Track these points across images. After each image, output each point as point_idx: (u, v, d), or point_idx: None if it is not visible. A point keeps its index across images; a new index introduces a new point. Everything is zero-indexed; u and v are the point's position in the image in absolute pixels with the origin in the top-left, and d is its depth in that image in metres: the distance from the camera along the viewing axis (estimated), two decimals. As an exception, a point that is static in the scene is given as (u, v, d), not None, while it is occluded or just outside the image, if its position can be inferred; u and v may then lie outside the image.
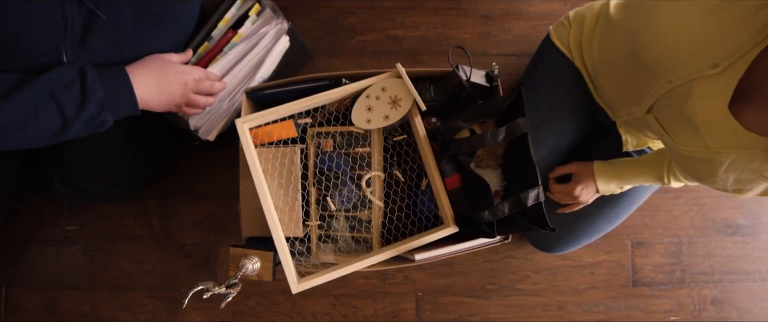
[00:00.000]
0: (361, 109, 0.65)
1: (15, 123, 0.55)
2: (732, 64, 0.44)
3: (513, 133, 0.59)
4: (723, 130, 0.47)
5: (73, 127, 0.58)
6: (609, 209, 0.77)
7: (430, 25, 0.97)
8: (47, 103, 0.56)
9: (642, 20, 0.53)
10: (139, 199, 0.94)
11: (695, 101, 0.48)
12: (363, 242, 0.69)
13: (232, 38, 0.75)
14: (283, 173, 0.66)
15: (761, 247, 1.00)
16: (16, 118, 0.55)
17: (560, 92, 0.73)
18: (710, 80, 0.46)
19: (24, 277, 0.93)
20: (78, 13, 0.57)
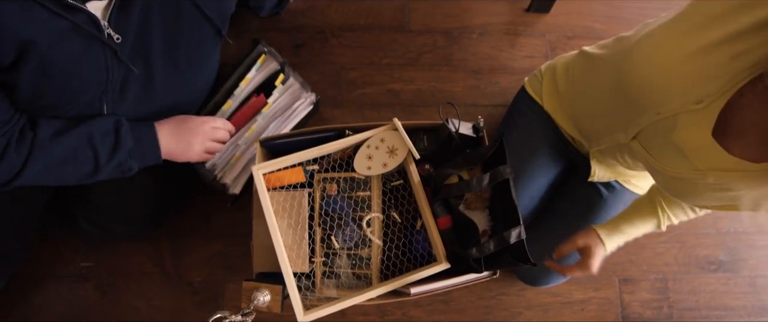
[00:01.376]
0: (362, 158, 0.76)
1: (57, 163, 0.66)
2: (715, 100, 0.51)
3: (496, 178, 0.69)
4: (709, 155, 0.53)
5: (103, 171, 0.70)
6: None
7: (424, 79, 1.10)
8: (86, 149, 0.67)
9: (626, 56, 0.58)
10: (152, 238, 1.02)
11: (681, 131, 0.54)
12: (363, 278, 0.77)
13: (261, 107, 0.88)
14: (292, 214, 0.75)
15: (743, 283, 1.07)
16: (59, 158, 0.66)
17: (533, 134, 0.84)
18: (695, 113, 0.53)
19: (39, 312, 1.00)
20: (118, 69, 0.68)
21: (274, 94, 0.88)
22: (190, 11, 0.71)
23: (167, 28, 0.69)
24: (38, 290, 1.01)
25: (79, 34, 0.61)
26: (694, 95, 0.52)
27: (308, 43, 1.13)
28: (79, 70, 0.64)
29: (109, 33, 0.63)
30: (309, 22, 1.15)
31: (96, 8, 0.61)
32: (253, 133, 0.89)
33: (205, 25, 0.75)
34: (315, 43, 1.13)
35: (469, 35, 1.16)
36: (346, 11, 1.16)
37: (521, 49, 1.17)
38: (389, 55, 1.13)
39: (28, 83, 0.61)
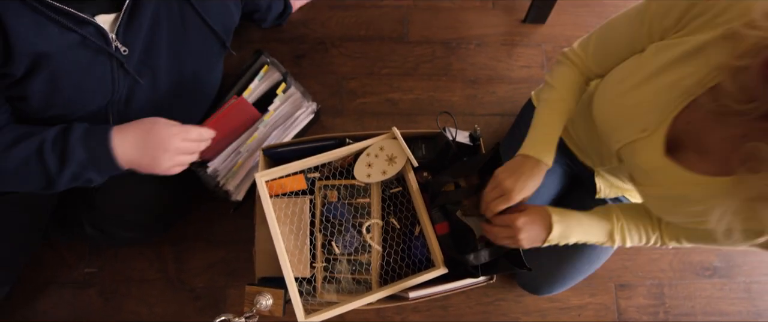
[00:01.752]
0: (362, 166, 0.78)
1: (10, 172, 0.62)
2: (657, 127, 0.57)
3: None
4: (668, 173, 0.58)
5: (58, 183, 0.63)
6: (589, 251, 0.87)
7: (423, 89, 1.13)
8: (35, 160, 0.62)
9: (591, 97, 0.67)
10: (154, 244, 1.04)
11: (639, 155, 0.61)
12: (363, 283, 0.79)
13: (242, 108, 0.89)
14: (294, 220, 0.77)
15: (738, 288, 1.09)
16: (11, 168, 0.61)
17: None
18: (644, 140, 0.59)
19: (42, 317, 1.01)
20: (124, 80, 0.70)
21: (275, 102, 0.91)
22: (195, 24, 0.74)
23: (173, 40, 0.72)
24: (42, 295, 1.02)
25: (87, 47, 0.63)
26: (639, 125, 0.59)
27: (309, 53, 1.16)
28: (87, 81, 0.66)
29: (116, 46, 0.66)
30: (310, 33, 1.18)
31: (104, 21, 0.64)
32: (255, 141, 0.91)
33: (210, 38, 0.78)
34: (316, 53, 1.16)
35: (467, 46, 1.19)
36: (346, 22, 1.19)
37: (518, 60, 1.20)
38: (388, 65, 1.16)
39: (38, 94, 0.63)
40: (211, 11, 0.74)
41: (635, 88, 0.58)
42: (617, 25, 0.64)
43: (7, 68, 0.58)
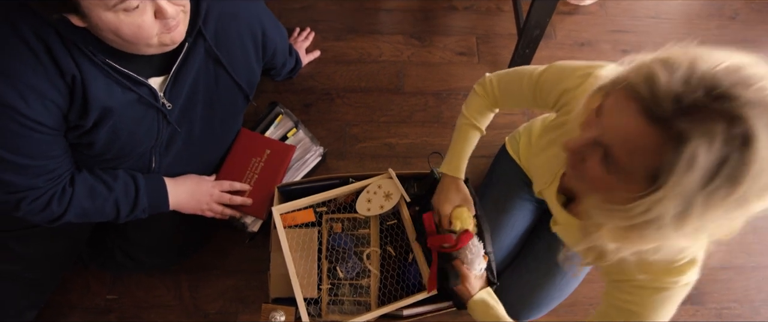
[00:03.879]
0: (362, 201, 0.93)
1: (87, 213, 0.83)
2: (550, 183, 0.75)
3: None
4: (561, 215, 0.75)
5: (121, 220, 0.88)
6: (560, 278, 0.99)
7: (417, 134, 1.30)
8: (112, 208, 0.85)
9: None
10: (172, 272, 1.16)
11: (549, 201, 0.79)
12: (363, 304, 0.91)
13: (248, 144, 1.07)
14: (304, 248, 0.91)
15: (710, 314, 1.19)
16: (89, 211, 0.83)
17: (512, 189, 1.01)
18: (547, 189, 0.77)
19: (66, 342, 1.12)
20: (166, 129, 0.87)
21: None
22: (226, 81, 0.91)
23: (207, 95, 0.89)
24: (67, 319, 1.13)
25: (141, 103, 0.80)
26: (542, 179, 0.78)
27: (316, 102, 1.34)
28: (138, 130, 0.83)
29: (163, 102, 0.82)
30: (317, 84, 1.36)
31: (155, 83, 0.81)
32: (270, 179, 1.06)
33: (237, 92, 0.94)
34: (322, 102, 1.34)
35: (456, 96, 1.37)
36: (349, 75, 1.38)
37: (501, 108, 1.38)
38: (386, 113, 1.33)
39: (102, 141, 0.79)
40: (239, 70, 0.92)
41: (542, 150, 0.77)
42: (518, 79, 0.79)
43: (81, 120, 0.74)
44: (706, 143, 0.41)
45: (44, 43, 0.66)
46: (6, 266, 0.94)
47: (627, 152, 0.46)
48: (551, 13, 1.13)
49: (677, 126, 0.42)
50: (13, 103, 0.65)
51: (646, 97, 0.44)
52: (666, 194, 0.44)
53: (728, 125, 0.41)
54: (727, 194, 0.43)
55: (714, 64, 0.43)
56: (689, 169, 0.42)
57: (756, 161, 0.41)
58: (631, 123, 0.45)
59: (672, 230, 0.46)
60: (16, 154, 0.70)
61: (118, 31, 0.65)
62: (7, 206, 0.76)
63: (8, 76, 0.65)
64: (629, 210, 0.47)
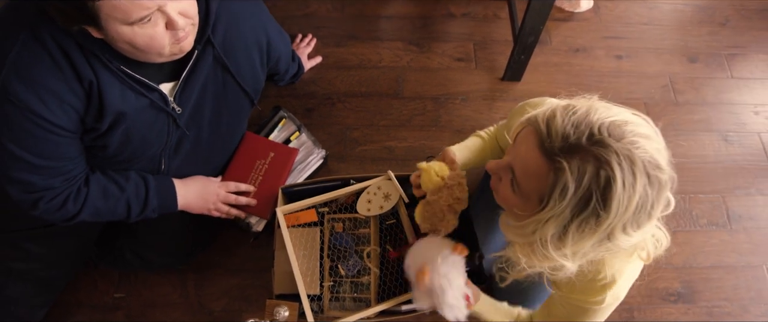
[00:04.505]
0: (363, 202, 0.97)
1: (100, 213, 0.88)
2: None
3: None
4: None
5: (132, 219, 0.92)
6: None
7: (415, 138, 1.34)
8: (123, 208, 0.90)
9: None
10: (178, 271, 1.20)
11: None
12: (363, 300, 0.95)
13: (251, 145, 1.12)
14: (307, 247, 0.95)
15: (701, 312, 1.23)
16: (102, 210, 0.88)
17: None
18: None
19: (75, 339, 1.15)
20: (176, 132, 0.91)
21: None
22: (232, 87, 0.95)
23: (215, 100, 0.94)
24: (75, 316, 1.17)
25: (153, 108, 0.84)
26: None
27: (318, 107, 1.38)
28: (150, 134, 0.87)
29: (173, 106, 0.87)
30: (319, 89, 1.41)
31: (166, 88, 0.86)
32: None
33: (243, 98, 0.99)
34: (324, 107, 1.38)
35: (454, 101, 1.42)
36: (350, 81, 1.43)
37: (497, 112, 1.42)
38: (386, 117, 1.38)
39: (115, 144, 0.84)
40: (245, 77, 0.96)
41: None
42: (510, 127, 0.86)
43: (97, 124, 0.78)
44: (576, 179, 0.50)
45: (64, 50, 0.70)
46: (19, 265, 0.98)
47: (525, 176, 0.55)
48: (545, 21, 1.18)
49: (559, 160, 0.51)
50: (34, 107, 0.70)
51: (543, 133, 0.53)
52: (546, 216, 0.53)
53: (596, 167, 0.49)
54: (596, 226, 0.51)
55: (604, 116, 0.52)
56: (562, 197, 0.51)
57: (614, 200, 0.49)
58: (529, 153, 0.54)
59: (553, 250, 0.55)
60: (35, 156, 0.75)
61: (132, 42, 0.69)
62: (25, 204, 0.81)
63: (31, 82, 0.69)
64: (523, 228, 0.57)
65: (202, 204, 1.01)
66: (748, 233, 1.32)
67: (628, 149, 0.49)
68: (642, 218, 0.52)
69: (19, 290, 1.00)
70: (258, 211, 1.07)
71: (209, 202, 1.02)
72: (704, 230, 1.32)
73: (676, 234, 1.31)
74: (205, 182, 1.03)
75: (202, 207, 1.01)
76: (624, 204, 0.50)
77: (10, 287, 0.99)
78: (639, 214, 0.51)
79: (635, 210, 0.51)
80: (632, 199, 0.50)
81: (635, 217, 0.51)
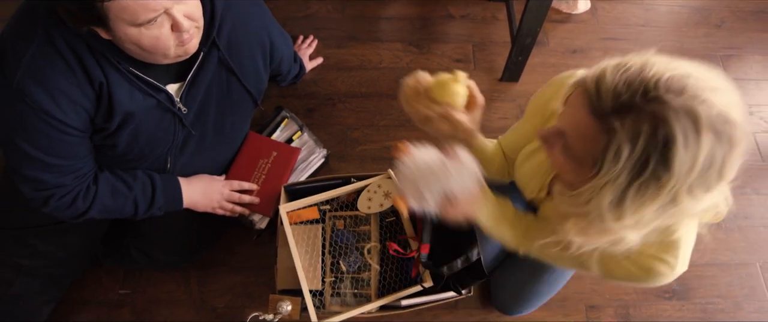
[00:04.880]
0: (363, 200, 1.00)
1: (108, 211, 0.91)
2: (541, 189, 0.76)
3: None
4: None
5: (138, 217, 0.96)
6: (547, 276, 1.06)
7: (416, 137, 1.35)
8: (131, 205, 0.93)
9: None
10: (182, 269, 1.23)
11: (540, 208, 0.80)
12: (364, 296, 0.98)
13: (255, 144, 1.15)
14: (309, 243, 0.98)
15: (695, 309, 1.26)
16: (110, 208, 0.91)
17: (501, 187, 1.08)
18: (537, 197, 0.78)
19: (80, 335, 1.18)
20: (181, 131, 0.94)
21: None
22: (237, 87, 0.98)
23: (220, 100, 0.96)
24: (81, 313, 1.20)
25: (160, 108, 0.87)
26: (530, 187, 0.79)
27: (319, 107, 1.41)
28: (157, 133, 0.90)
29: (179, 107, 0.90)
30: (320, 90, 1.44)
31: (172, 89, 0.88)
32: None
33: (246, 98, 1.02)
34: (325, 107, 1.41)
35: (452, 101, 1.45)
36: (350, 81, 1.46)
37: (496, 112, 1.45)
38: (386, 118, 1.41)
39: (124, 143, 0.86)
40: (248, 77, 0.99)
41: (526, 159, 0.79)
42: (517, 124, 0.87)
43: (106, 124, 0.81)
44: (631, 140, 0.46)
45: (76, 53, 0.73)
46: (28, 262, 1.01)
47: (576, 140, 0.52)
48: (542, 23, 1.21)
49: (610, 121, 0.48)
50: (47, 108, 0.73)
51: (592, 94, 0.50)
52: (601, 182, 0.49)
53: (652, 127, 0.46)
54: (657, 189, 0.48)
55: (661, 71, 0.47)
56: (616, 160, 0.47)
57: (676, 161, 0.45)
58: (578, 115, 0.51)
59: (613, 220, 0.52)
60: (47, 154, 0.78)
61: (139, 42, 0.72)
62: (37, 202, 0.83)
63: (44, 83, 0.72)
64: (578, 196, 0.53)
65: (207, 202, 1.04)
66: (742, 232, 1.34)
67: (689, 104, 0.45)
68: (711, 178, 0.47)
69: (27, 286, 1.02)
70: (261, 209, 1.10)
71: (213, 200, 1.05)
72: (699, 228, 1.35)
73: (672, 232, 1.34)
74: (210, 180, 1.06)
75: (206, 205, 1.04)
76: (687, 164, 0.45)
77: (18, 283, 1.01)
78: (707, 174, 0.47)
79: (702, 170, 0.46)
80: (697, 158, 0.45)
81: (703, 178, 0.47)
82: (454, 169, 0.61)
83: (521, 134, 0.84)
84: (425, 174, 0.62)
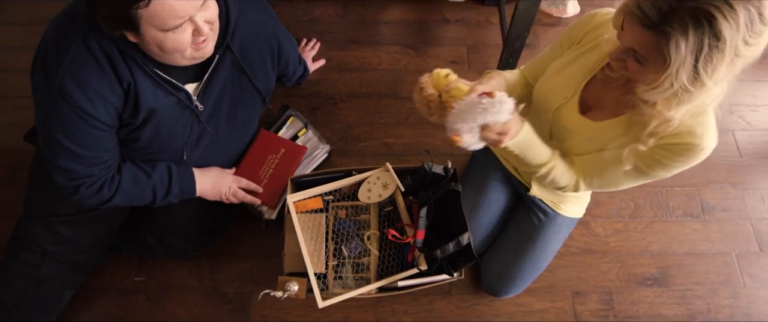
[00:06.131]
0: (364, 191, 1.10)
1: (130, 198, 1.01)
2: (573, 94, 0.90)
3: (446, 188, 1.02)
4: (581, 126, 0.89)
5: (156, 204, 1.05)
6: (529, 255, 1.16)
7: (412, 135, 1.47)
8: (149, 193, 1.02)
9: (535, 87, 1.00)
10: (194, 257, 1.33)
11: (563, 117, 0.92)
12: (364, 279, 1.07)
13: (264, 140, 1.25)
14: (313, 230, 1.08)
15: (674, 295, 1.35)
16: (132, 195, 1.00)
17: (487, 170, 1.19)
18: (566, 104, 0.91)
19: (99, 318, 1.27)
20: (197, 127, 1.04)
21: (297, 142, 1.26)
22: (247, 87, 1.08)
23: (232, 98, 1.06)
24: (99, 299, 1.29)
25: (179, 105, 0.97)
26: (561, 95, 0.92)
27: (322, 106, 1.51)
28: (175, 128, 1.00)
29: (196, 104, 0.99)
30: (323, 90, 1.54)
31: (190, 88, 0.98)
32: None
33: (256, 97, 1.11)
34: (327, 106, 1.51)
35: (447, 100, 1.54)
36: (351, 82, 1.56)
37: (489, 111, 1.55)
38: (385, 116, 1.51)
39: (146, 137, 0.96)
40: (258, 78, 1.08)
41: (558, 72, 0.93)
42: (544, 53, 1.03)
43: (132, 119, 0.91)
44: (683, 33, 0.61)
45: (108, 56, 0.83)
46: (54, 248, 1.10)
47: (643, 48, 0.67)
48: (529, 27, 1.31)
49: (662, 28, 0.62)
50: (82, 105, 0.83)
51: (639, 15, 0.64)
52: (674, 68, 0.64)
53: (695, 17, 0.60)
54: (720, 54, 0.62)
55: None
56: (678, 52, 0.62)
57: (724, 30, 0.60)
58: (636, 33, 0.66)
59: (696, 88, 0.66)
60: (80, 147, 0.88)
61: (162, 45, 0.81)
62: (68, 190, 0.93)
63: (80, 83, 0.82)
64: (661, 85, 0.68)
65: (216, 193, 1.15)
66: (719, 223, 1.44)
67: None
68: (756, 27, 0.61)
69: (53, 270, 1.12)
70: (267, 200, 1.20)
71: (222, 193, 1.15)
72: (679, 220, 1.45)
73: (653, 224, 1.44)
74: (221, 173, 1.16)
75: (215, 195, 1.15)
76: (734, 27, 0.60)
77: (45, 267, 1.11)
78: (752, 26, 0.61)
79: (747, 25, 0.60)
80: (738, 20, 0.59)
81: (750, 30, 0.61)
82: (490, 105, 0.74)
83: (548, 59, 0.99)
84: (469, 112, 0.76)
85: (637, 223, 1.44)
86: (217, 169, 1.16)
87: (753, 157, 1.54)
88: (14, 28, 1.68)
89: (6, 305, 1.08)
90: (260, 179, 1.22)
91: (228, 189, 1.16)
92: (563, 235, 1.20)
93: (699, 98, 0.69)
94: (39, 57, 0.85)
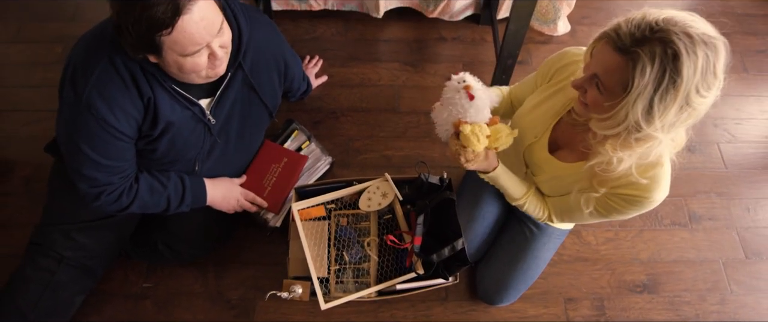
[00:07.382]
0: (364, 200, 1.17)
1: (146, 206, 1.09)
2: (542, 134, 0.98)
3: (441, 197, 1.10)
4: (550, 164, 0.96)
5: (170, 212, 1.13)
6: (522, 265, 1.23)
7: (411, 147, 1.56)
8: (164, 202, 1.10)
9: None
10: (200, 264, 1.39)
11: (534, 154, 1.01)
12: (364, 284, 1.14)
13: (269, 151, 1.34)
14: (317, 237, 1.15)
15: (664, 301, 1.41)
16: (148, 204, 1.08)
17: (480, 187, 1.26)
18: (536, 143, 0.99)
19: (109, 324, 1.34)
20: (209, 140, 1.12)
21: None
22: (256, 102, 1.16)
23: (242, 113, 1.15)
24: (108, 305, 1.35)
25: (194, 119, 1.05)
26: (532, 133, 1.00)
27: (324, 120, 1.60)
28: (189, 141, 1.08)
29: (209, 118, 1.08)
30: (325, 105, 1.63)
31: (204, 103, 1.07)
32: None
33: (264, 111, 1.20)
34: (329, 120, 1.60)
35: (444, 114, 1.64)
36: (352, 97, 1.65)
37: (484, 125, 1.64)
38: (384, 130, 1.60)
39: (162, 148, 1.04)
40: (266, 94, 1.17)
41: (531, 111, 1.01)
42: (527, 79, 1.11)
43: (151, 131, 0.99)
44: (650, 59, 0.66)
45: (131, 73, 0.92)
46: (70, 253, 1.18)
47: (608, 75, 0.72)
48: (520, 46, 1.41)
49: (633, 52, 0.68)
50: (107, 118, 0.91)
51: (615, 38, 0.70)
52: (633, 97, 0.69)
53: (663, 47, 0.66)
54: (675, 92, 0.67)
55: (657, 14, 0.69)
56: (642, 77, 0.67)
57: (684, 67, 0.65)
58: (607, 56, 0.72)
59: (646, 126, 0.70)
60: (103, 157, 0.96)
61: (181, 67, 0.90)
62: (90, 197, 1.01)
63: (106, 98, 0.90)
64: (615, 116, 0.72)
65: (225, 204, 1.23)
66: (706, 232, 1.51)
67: (683, 29, 0.65)
68: (709, 78, 0.66)
69: (68, 276, 1.19)
70: (270, 206, 1.28)
71: (230, 204, 1.24)
72: (668, 229, 1.52)
73: (643, 233, 1.51)
74: (230, 185, 1.24)
75: (222, 205, 1.23)
76: (692, 68, 0.65)
77: (60, 272, 1.18)
78: (706, 75, 0.66)
79: (702, 72, 0.65)
80: (697, 63, 0.64)
81: (704, 78, 0.66)
82: (471, 105, 0.87)
83: (530, 87, 1.07)
84: (450, 111, 0.90)
85: (627, 232, 1.51)
86: (226, 180, 1.24)
87: (738, 169, 1.62)
88: (30, 46, 1.79)
89: (21, 310, 1.15)
90: (264, 186, 1.30)
91: (235, 201, 1.24)
92: (554, 245, 1.28)
93: (645, 145, 0.74)
94: (67, 74, 0.94)
